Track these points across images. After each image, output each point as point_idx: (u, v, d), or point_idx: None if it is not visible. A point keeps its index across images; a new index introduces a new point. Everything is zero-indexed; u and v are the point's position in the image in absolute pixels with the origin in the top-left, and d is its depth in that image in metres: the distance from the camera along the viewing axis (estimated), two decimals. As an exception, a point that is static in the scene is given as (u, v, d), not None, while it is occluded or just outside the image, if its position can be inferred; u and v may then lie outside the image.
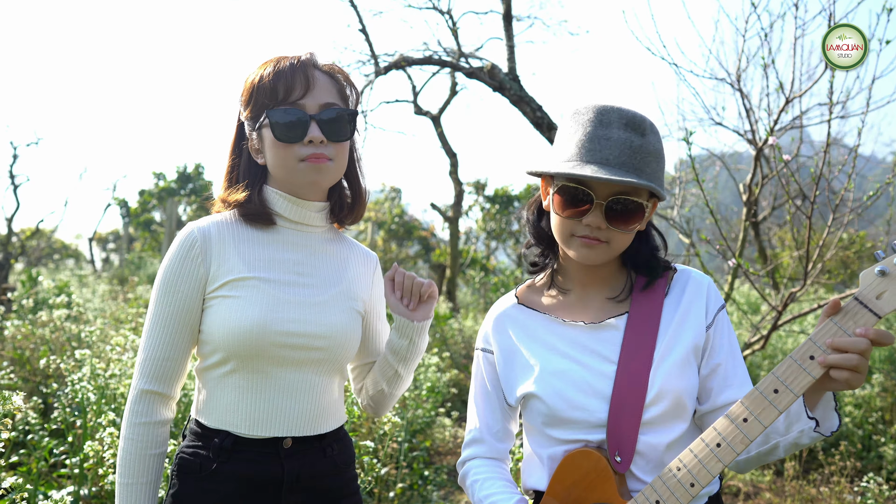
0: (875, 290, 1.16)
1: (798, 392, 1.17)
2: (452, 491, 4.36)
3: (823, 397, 1.26)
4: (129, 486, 1.38)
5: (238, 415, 1.38)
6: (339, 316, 1.46)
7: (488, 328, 1.54)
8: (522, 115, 4.50)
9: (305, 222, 1.49)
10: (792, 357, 1.19)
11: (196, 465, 1.39)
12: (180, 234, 1.45)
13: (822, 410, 1.26)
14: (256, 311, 1.37)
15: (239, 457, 1.38)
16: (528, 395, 1.41)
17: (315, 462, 1.44)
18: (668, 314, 1.41)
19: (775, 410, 1.18)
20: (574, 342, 1.42)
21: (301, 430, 1.41)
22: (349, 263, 1.56)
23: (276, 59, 1.43)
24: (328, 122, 1.40)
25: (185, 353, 1.44)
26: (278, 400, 1.39)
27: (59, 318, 3.99)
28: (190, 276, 1.41)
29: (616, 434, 1.32)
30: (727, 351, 1.41)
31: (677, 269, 1.48)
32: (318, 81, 1.43)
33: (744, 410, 1.20)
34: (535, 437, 1.46)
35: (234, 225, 1.47)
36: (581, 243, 1.36)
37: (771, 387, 1.19)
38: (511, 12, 4.49)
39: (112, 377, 2.55)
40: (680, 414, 1.36)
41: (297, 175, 1.41)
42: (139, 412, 1.40)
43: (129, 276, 13.25)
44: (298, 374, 1.41)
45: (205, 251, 1.41)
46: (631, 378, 1.34)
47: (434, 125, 10.38)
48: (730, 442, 1.21)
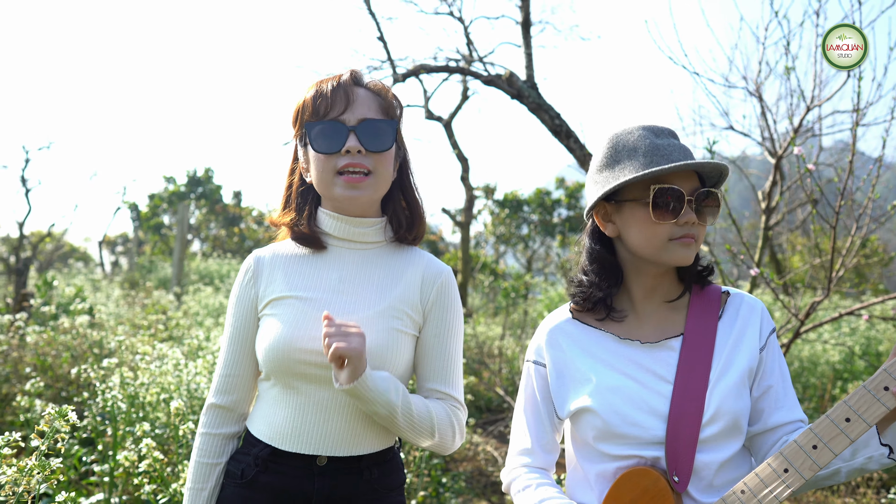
0: None
1: (871, 422, 1.19)
2: (470, 498, 4.36)
3: (894, 424, 1.26)
4: (193, 491, 1.47)
5: (274, 427, 1.41)
6: (373, 336, 1.41)
7: (541, 341, 1.53)
8: (541, 122, 4.50)
9: (355, 239, 1.50)
10: (865, 387, 1.21)
11: (238, 472, 1.44)
12: (245, 262, 1.54)
13: (893, 436, 1.27)
14: (285, 329, 1.40)
15: (275, 468, 1.41)
16: (583, 409, 1.41)
17: (350, 484, 1.42)
18: (723, 336, 1.42)
19: (847, 439, 1.19)
20: (630, 360, 1.42)
21: (335, 450, 1.41)
22: (402, 278, 1.50)
23: (320, 81, 1.47)
24: (366, 132, 1.41)
25: (248, 369, 1.49)
26: (311, 416, 1.40)
27: (80, 324, 4.02)
28: (245, 298, 1.51)
29: (674, 452, 1.33)
30: (778, 374, 1.42)
31: (731, 292, 1.49)
32: (359, 97, 1.45)
33: (813, 437, 1.21)
34: (585, 453, 1.46)
35: (291, 248, 1.52)
36: (680, 244, 1.36)
37: (843, 415, 1.20)
38: (529, 20, 4.50)
39: (141, 386, 2.57)
40: (735, 434, 1.37)
41: (334, 190, 1.43)
42: (205, 423, 1.50)
43: (139, 280, 13.31)
44: (327, 393, 1.40)
45: (256, 275, 1.50)
46: (688, 397, 1.35)
47: (445, 130, 10.40)
48: (798, 468, 1.22)
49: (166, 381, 2.63)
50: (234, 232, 21.52)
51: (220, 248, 20.79)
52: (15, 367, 3.96)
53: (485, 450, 5.23)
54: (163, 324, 5.05)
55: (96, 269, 21.64)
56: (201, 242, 22.32)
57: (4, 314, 4.51)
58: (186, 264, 13.14)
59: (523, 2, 4.45)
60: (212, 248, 21.07)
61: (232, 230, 21.58)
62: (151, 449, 1.97)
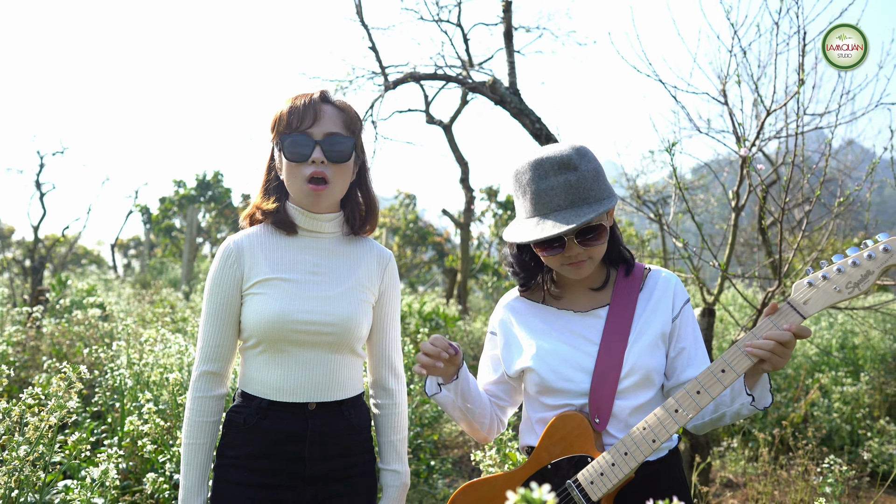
0: (803, 297, 1.51)
1: (739, 372, 1.50)
2: (456, 479, 4.64)
3: (761, 378, 1.58)
4: (192, 446, 1.74)
5: (269, 384, 1.73)
6: (347, 307, 1.76)
7: (497, 314, 1.88)
8: (522, 126, 4.77)
9: (318, 230, 1.81)
10: (737, 346, 1.52)
11: (240, 421, 1.74)
12: (221, 246, 1.80)
13: (759, 390, 1.58)
14: (277, 305, 1.71)
15: (274, 415, 1.72)
16: (526, 369, 1.74)
17: (334, 422, 1.76)
18: (642, 306, 1.73)
19: (721, 385, 1.51)
20: (564, 327, 1.75)
21: (321, 397, 1.74)
22: (362, 262, 1.85)
23: (295, 97, 1.77)
24: (329, 146, 1.72)
25: (233, 339, 1.78)
26: (299, 372, 1.72)
27: (93, 316, 4.35)
28: (230, 278, 1.76)
29: (596, 401, 1.65)
30: (691, 337, 1.73)
31: (651, 269, 1.80)
32: (326, 114, 1.74)
33: (697, 384, 1.53)
34: (531, 404, 1.80)
35: (262, 235, 1.81)
36: (570, 269, 1.68)
37: (719, 367, 1.52)
38: (511, 31, 4.77)
39: (146, 365, 2.88)
40: (647, 385, 1.67)
41: (301, 194, 1.75)
42: (199, 388, 1.76)
43: (151, 281, 13.68)
44: (314, 353, 1.73)
45: (239, 258, 1.76)
46: (610, 356, 1.66)
47: (445, 134, 10.64)
48: (685, 408, 1.52)
49: (169, 362, 2.93)
50: (242, 234, 21.83)
51: (229, 251, 21.06)
52: (32, 356, 4.30)
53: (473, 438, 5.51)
54: (169, 317, 5.39)
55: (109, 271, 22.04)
56: (211, 245, 22.69)
57: (22, 307, 4.85)
58: (196, 265, 13.50)
59: (505, 14, 4.74)
60: (221, 251, 21.39)
61: (241, 233, 21.90)
62: (153, 413, 2.26)
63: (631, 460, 1.55)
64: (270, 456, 1.70)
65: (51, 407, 1.63)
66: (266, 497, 1.70)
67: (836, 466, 2.88)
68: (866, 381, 5.31)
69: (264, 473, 1.70)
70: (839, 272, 1.49)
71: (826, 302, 1.51)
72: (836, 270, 1.50)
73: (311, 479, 1.72)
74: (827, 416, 5.04)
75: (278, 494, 1.70)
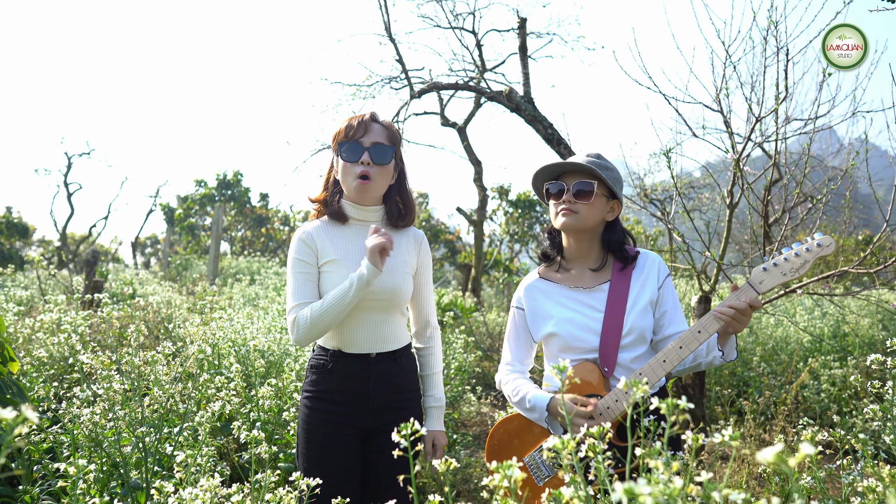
0: (759, 278, 2.04)
1: (711, 332, 2.02)
2: (477, 450, 5.14)
3: (730, 339, 2.09)
4: (322, 303, 2.13)
5: (340, 339, 2.22)
6: (395, 279, 2.22)
7: (521, 293, 2.37)
8: (536, 131, 5.26)
9: (366, 219, 2.29)
10: (711, 312, 2.03)
11: (321, 364, 2.26)
12: (298, 231, 2.30)
13: (728, 347, 2.10)
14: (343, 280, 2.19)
15: (345, 361, 2.23)
16: (550, 333, 2.23)
17: (390, 367, 2.25)
18: (635, 280, 2.23)
19: (697, 342, 2.02)
20: (576, 300, 2.24)
21: (380, 348, 2.24)
22: (402, 243, 2.31)
23: (352, 117, 2.28)
24: (375, 152, 2.22)
25: (315, 296, 2.23)
26: (366, 329, 2.23)
27: (155, 302, 4.88)
28: (310, 254, 2.24)
29: (605, 355, 2.14)
30: (671, 302, 2.23)
31: (641, 252, 2.29)
32: (374, 129, 2.25)
33: (680, 341, 2.03)
34: (553, 360, 2.28)
35: (323, 226, 2.31)
36: (561, 213, 2.19)
37: (696, 328, 2.03)
38: (526, 44, 5.25)
39: (220, 339, 3.39)
40: (642, 342, 2.17)
41: (352, 188, 2.24)
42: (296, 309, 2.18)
43: (176, 276, 14.25)
44: (373, 315, 2.22)
45: (311, 241, 2.25)
46: (613, 320, 2.16)
47: (460, 136, 11.07)
48: (670, 359, 2.02)
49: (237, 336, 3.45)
50: (261, 233, 22.52)
51: (249, 248, 21.77)
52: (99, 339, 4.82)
53: (491, 417, 6.00)
54: (209, 307, 5.92)
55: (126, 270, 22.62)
56: (230, 243, 23.24)
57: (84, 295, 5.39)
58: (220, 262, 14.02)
59: (520, 29, 5.22)
60: (241, 248, 22.07)
61: (259, 231, 22.60)
62: (239, 372, 2.77)
63: (629, 398, 2.04)
64: (343, 391, 2.20)
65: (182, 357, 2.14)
66: (339, 420, 2.19)
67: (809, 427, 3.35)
68: (853, 364, 5.75)
69: (338, 403, 2.19)
70: (786, 261, 2.00)
71: (775, 282, 2.01)
72: (783, 259, 2.00)
73: (372, 409, 2.20)
74: (816, 396, 5.49)
75: (347, 419, 2.19)
